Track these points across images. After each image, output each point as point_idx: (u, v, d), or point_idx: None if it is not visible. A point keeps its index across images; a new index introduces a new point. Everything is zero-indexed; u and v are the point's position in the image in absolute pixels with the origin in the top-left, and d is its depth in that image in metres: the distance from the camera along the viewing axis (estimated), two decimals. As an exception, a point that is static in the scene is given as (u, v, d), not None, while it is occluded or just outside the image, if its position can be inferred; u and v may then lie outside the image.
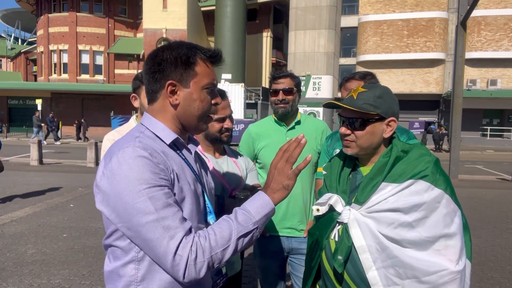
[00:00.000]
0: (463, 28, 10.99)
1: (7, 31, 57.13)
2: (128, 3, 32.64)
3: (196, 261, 1.00)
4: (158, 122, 1.17)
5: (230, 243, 1.03)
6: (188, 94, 1.15)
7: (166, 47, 1.17)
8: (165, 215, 1.00)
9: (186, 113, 1.17)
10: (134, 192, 1.00)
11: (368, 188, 1.32)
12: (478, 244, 5.29)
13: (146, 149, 1.05)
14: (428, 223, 1.25)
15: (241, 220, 1.05)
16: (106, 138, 2.07)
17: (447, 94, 26.19)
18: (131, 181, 1.00)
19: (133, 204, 1.00)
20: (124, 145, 1.07)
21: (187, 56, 1.14)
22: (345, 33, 30.95)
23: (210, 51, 1.18)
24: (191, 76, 1.15)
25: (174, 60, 1.14)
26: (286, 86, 2.31)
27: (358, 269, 1.32)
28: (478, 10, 25.17)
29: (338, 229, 1.38)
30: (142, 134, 1.13)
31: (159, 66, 1.14)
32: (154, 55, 1.16)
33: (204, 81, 1.17)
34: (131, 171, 1.01)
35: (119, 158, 1.04)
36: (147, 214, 0.99)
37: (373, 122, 1.34)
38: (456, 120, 11.31)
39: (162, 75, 1.14)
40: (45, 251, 4.75)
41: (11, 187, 8.76)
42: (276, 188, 1.10)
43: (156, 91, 1.16)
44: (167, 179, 1.05)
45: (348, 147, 1.38)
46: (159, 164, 1.05)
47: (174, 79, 1.14)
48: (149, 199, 1.00)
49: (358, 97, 1.34)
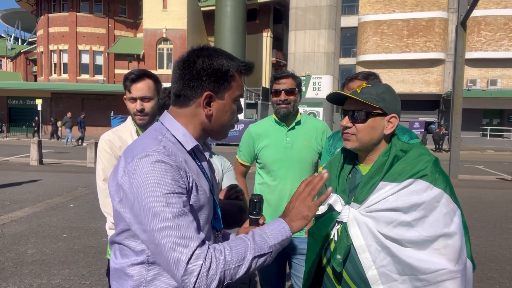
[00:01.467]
0: (463, 28, 11.00)
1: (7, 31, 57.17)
2: (128, 3, 32.66)
3: (208, 272, 0.98)
4: (181, 126, 1.16)
5: (245, 261, 1.03)
6: (222, 106, 1.16)
7: (205, 55, 1.13)
8: (181, 223, 1.00)
9: (216, 123, 1.17)
10: (153, 196, 1.00)
11: (367, 187, 1.33)
12: (478, 244, 5.29)
13: (170, 155, 1.06)
14: (428, 223, 1.25)
15: (258, 242, 1.06)
16: (102, 138, 2.06)
17: (447, 94, 26.20)
18: (152, 185, 1.00)
19: (151, 208, 1.00)
20: (148, 147, 1.06)
21: (227, 69, 1.13)
22: (345, 33, 30.96)
23: (246, 64, 1.18)
24: (227, 89, 1.15)
25: (214, 72, 1.12)
26: (288, 87, 2.31)
27: (358, 269, 1.32)
28: (478, 10, 25.19)
29: (338, 229, 1.38)
30: (165, 138, 1.12)
31: (197, 75, 1.12)
32: (191, 61, 1.13)
33: (236, 94, 1.18)
34: (153, 175, 1.01)
35: (143, 160, 1.03)
36: (164, 219, 0.99)
37: (374, 116, 1.34)
38: (456, 120, 11.31)
39: (200, 84, 1.12)
40: (45, 251, 4.75)
41: (11, 187, 8.77)
42: (296, 218, 1.12)
43: (189, 98, 1.14)
44: (185, 187, 1.05)
45: (348, 140, 1.39)
46: (181, 171, 1.06)
47: (212, 90, 1.13)
48: (167, 205, 1.00)
49: (362, 91, 1.36)
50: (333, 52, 27.04)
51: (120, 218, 1.09)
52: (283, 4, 32.32)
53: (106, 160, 2.00)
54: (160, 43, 29.81)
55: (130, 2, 32.67)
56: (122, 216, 1.08)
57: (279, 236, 1.08)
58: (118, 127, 2.12)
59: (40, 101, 23.65)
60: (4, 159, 14.09)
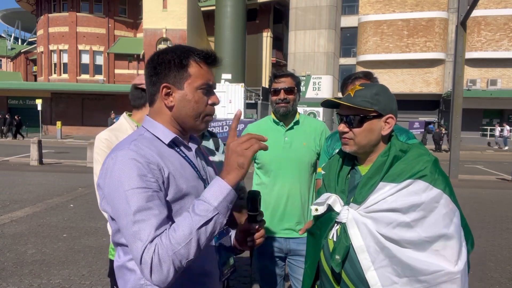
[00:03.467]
0: (463, 28, 10.99)
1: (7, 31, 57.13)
2: (128, 3, 32.65)
3: (160, 262, 0.99)
4: (158, 124, 1.21)
5: (192, 236, 1.01)
6: (183, 96, 1.18)
7: (162, 51, 1.21)
8: (140, 218, 1.02)
9: (182, 114, 1.20)
10: (118, 193, 1.05)
11: (366, 187, 1.32)
12: (478, 244, 5.26)
13: (138, 151, 1.09)
14: (427, 223, 1.25)
15: (198, 211, 1.04)
16: (98, 138, 2.06)
17: (447, 94, 26.19)
18: (118, 182, 1.06)
19: (118, 204, 1.06)
20: (120, 147, 1.13)
21: (180, 58, 1.17)
22: (345, 33, 30.94)
23: (203, 52, 1.20)
24: (185, 78, 1.18)
25: (168, 63, 1.17)
26: (287, 85, 2.31)
27: (356, 269, 1.31)
28: (478, 10, 25.18)
29: (337, 229, 1.38)
30: (141, 137, 1.17)
31: (154, 70, 1.19)
32: (150, 59, 1.21)
33: (198, 82, 1.19)
34: (120, 172, 1.06)
35: (113, 159, 1.09)
36: (126, 215, 1.04)
37: (370, 119, 1.34)
38: (456, 120, 11.31)
39: (158, 78, 1.18)
40: (45, 251, 4.75)
41: (11, 187, 8.77)
42: (231, 169, 1.07)
43: (153, 94, 1.21)
44: (154, 180, 1.07)
45: (347, 144, 1.38)
46: (151, 164, 1.09)
47: (168, 81, 1.18)
48: (129, 201, 1.03)
49: (356, 95, 1.35)
50: (333, 52, 27.03)
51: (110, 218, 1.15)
52: (283, 4, 32.31)
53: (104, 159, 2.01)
54: (160, 43, 29.79)
55: (130, 2, 32.66)
56: (107, 213, 1.14)
57: (219, 194, 1.05)
58: (113, 126, 2.12)
59: (40, 101, 23.65)
60: (4, 159, 14.09)
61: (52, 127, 29.19)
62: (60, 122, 26.56)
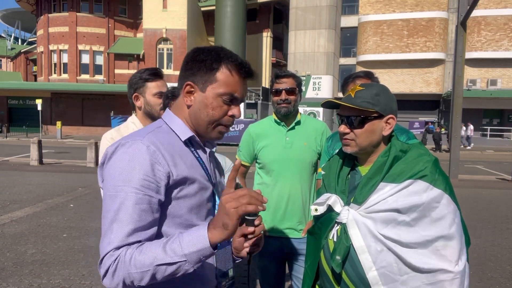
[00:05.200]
0: (463, 28, 10.99)
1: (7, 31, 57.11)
2: (128, 3, 32.64)
3: (115, 272, 0.98)
4: (177, 118, 1.19)
5: (150, 269, 0.97)
6: (202, 99, 1.15)
7: (200, 49, 1.17)
8: (119, 219, 1.00)
9: (196, 117, 1.17)
10: (114, 183, 1.03)
11: (366, 188, 1.32)
12: (478, 244, 5.28)
13: (149, 147, 1.05)
14: (428, 223, 1.25)
15: (169, 249, 0.97)
16: (104, 137, 2.06)
17: (447, 94, 26.20)
18: (118, 172, 1.03)
19: (108, 193, 1.04)
20: (134, 136, 1.09)
21: (212, 60, 1.13)
22: (345, 33, 30.96)
23: (237, 60, 1.15)
24: (210, 82, 1.14)
25: (200, 63, 1.14)
26: (288, 86, 2.31)
27: (357, 269, 1.31)
28: (478, 10, 25.19)
29: (337, 229, 1.38)
30: (158, 129, 1.15)
31: (186, 65, 1.17)
32: (188, 54, 1.19)
33: (221, 89, 1.13)
34: (120, 163, 1.04)
35: (123, 146, 1.06)
36: (109, 209, 1.02)
37: (371, 120, 1.33)
38: (456, 120, 11.31)
39: (185, 74, 1.17)
40: (45, 251, 4.75)
41: (11, 187, 8.77)
42: (216, 225, 0.98)
43: (179, 88, 1.20)
44: (154, 183, 1.04)
45: (348, 145, 1.38)
46: (157, 164, 1.05)
47: (193, 80, 1.15)
48: (116, 196, 1.01)
49: (356, 96, 1.34)
50: (333, 52, 27.03)
51: None
52: (283, 4, 32.31)
53: None
54: (160, 43, 29.80)
55: (130, 2, 32.66)
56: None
57: (195, 245, 0.97)
58: (119, 127, 2.12)
59: (40, 101, 23.67)
60: (4, 159, 14.09)
61: (52, 127, 29.20)
62: (60, 122, 26.57)
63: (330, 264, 1.38)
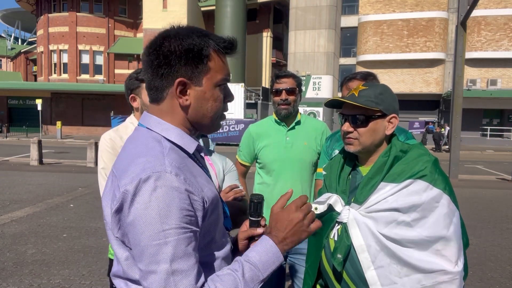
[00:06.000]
0: (463, 28, 11.00)
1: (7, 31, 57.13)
2: (128, 3, 32.66)
3: None
4: (173, 127, 0.98)
5: None
6: (200, 93, 0.98)
7: (173, 35, 0.96)
8: (180, 268, 0.85)
9: (198, 115, 1.00)
10: (152, 231, 0.84)
11: (367, 188, 1.33)
12: (478, 244, 5.28)
13: (179, 175, 0.88)
14: (428, 223, 1.25)
15: (248, 278, 0.90)
16: (103, 138, 2.06)
17: (447, 94, 26.20)
18: (152, 217, 0.84)
19: (147, 245, 0.85)
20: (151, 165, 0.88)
21: (200, 48, 0.95)
22: (345, 33, 30.96)
23: (225, 41, 1.00)
24: (204, 72, 0.97)
25: (185, 53, 0.94)
26: (288, 86, 2.32)
27: (357, 268, 1.32)
28: (478, 10, 25.19)
29: (338, 229, 1.38)
30: (167, 149, 0.94)
31: (165, 60, 0.95)
32: (158, 45, 0.96)
33: (217, 77, 0.99)
34: (156, 204, 0.85)
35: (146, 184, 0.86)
36: (159, 262, 0.84)
37: (375, 119, 1.34)
38: (456, 120, 11.32)
39: (170, 70, 0.95)
40: (45, 251, 4.75)
41: (11, 187, 8.77)
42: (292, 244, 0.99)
43: (161, 88, 0.97)
44: (194, 215, 0.89)
45: (351, 144, 1.38)
46: (191, 194, 0.89)
47: (184, 76, 0.95)
48: (166, 244, 0.84)
49: (360, 95, 1.35)
50: (333, 52, 27.03)
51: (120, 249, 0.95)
52: (283, 4, 32.32)
53: (108, 159, 2.00)
54: (160, 42, 29.81)
55: (130, 2, 32.67)
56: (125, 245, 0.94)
57: (271, 266, 0.94)
58: (118, 127, 2.11)
59: (40, 101, 23.68)
60: (4, 159, 14.09)
61: (52, 127, 29.20)
62: (60, 122, 26.57)
63: (330, 263, 1.38)
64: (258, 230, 1.10)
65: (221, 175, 1.98)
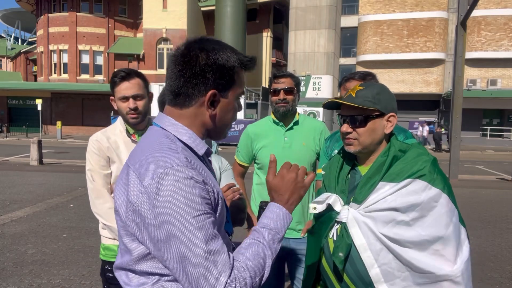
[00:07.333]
0: (463, 28, 11.00)
1: (7, 31, 57.14)
2: (128, 3, 32.65)
3: None
4: (186, 129, 1.04)
5: (266, 268, 0.99)
6: (225, 105, 1.05)
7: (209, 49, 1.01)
8: (214, 248, 0.91)
9: (220, 123, 1.07)
10: (183, 219, 0.89)
11: (366, 187, 1.33)
12: (478, 244, 5.29)
13: (194, 168, 0.94)
14: (426, 223, 1.26)
15: (270, 242, 1.02)
16: (90, 140, 2.05)
17: (447, 94, 26.20)
18: (180, 206, 0.89)
19: (181, 233, 0.89)
20: (168, 160, 0.93)
21: (233, 64, 1.03)
22: (345, 33, 30.97)
23: (249, 59, 1.08)
24: (231, 87, 1.05)
25: (220, 68, 1.01)
26: (286, 86, 2.32)
27: (356, 268, 1.32)
28: (478, 10, 25.19)
29: (337, 229, 1.38)
30: (180, 149, 0.99)
31: (201, 71, 1.00)
32: (193, 56, 1.00)
33: (239, 91, 1.08)
34: (181, 195, 0.90)
35: (167, 177, 0.91)
36: (196, 246, 0.89)
37: (374, 118, 1.35)
38: (456, 120, 11.31)
39: (204, 81, 1.00)
40: (45, 251, 4.75)
41: (11, 187, 8.77)
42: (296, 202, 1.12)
43: (192, 97, 1.02)
44: (210, 203, 0.96)
45: (351, 145, 1.39)
46: (207, 185, 0.96)
47: (216, 88, 1.02)
48: (199, 228, 0.90)
49: (357, 95, 1.35)
50: (333, 52, 27.04)
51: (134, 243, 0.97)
52: (283, 4, 32.32)
53: (94, 161, 2.00)
54: (160, 43, 29.82)
55: (130, 2, 32.66)
56: (139, 241, 0.96)
57: (285, 226, 1.07)
58: (107, 128, 2.09)
59: (40, 101, 23.68)
60: (4, 159, 14.09)
61: (52, 127, 29.21)
62: (60, 122, 26.57)
63: (330, 263, 1.38)
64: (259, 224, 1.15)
65: (218, 175, 1.99)
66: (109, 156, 1.97)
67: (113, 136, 2.02)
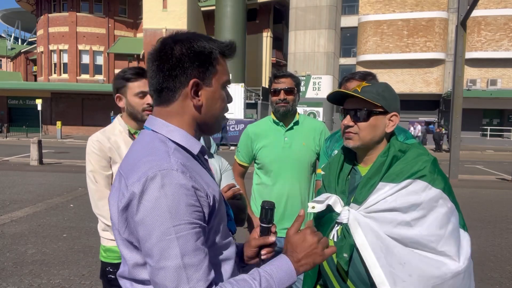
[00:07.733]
0: (463, 28, 11.00)
1: (7, 31, 57.12)
2: (128, 3, 32.66)
3: None
4: (178, 129, 1.01)
5: None
6: (211, 94, 1.03)
7: (182, 40, 1.01)
8: (191, 263, 0.86)
9: (208, 115, 1.04)
10: (162, 228, 0.86)
11: (366, 188, 1.33)
12: (478, 244, 5.28)
13: (185, 172, 0.90)
14: (427, 223, 1.26)
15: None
16: (90, 140, 2.02)
17: (447, 94, 26.19)
18: (161, 213, 0.86)
19: (157, 241, 0.86)
20: (158, 163, 0.90)
21: (210, 51, 1.01)
22: (345, 33, 30.96)
23: (227, 45, 1.06)
24: (213, 73, 1.02)
25: (197, 56, 0.99)
26: (286, 86, 2.32)
27: (357, 269, 1.32)
28: (478, 10, 25.18)
29: (337, 230, 1.38)
30: (171, 150, 0.96)
31: (179, 62, 0.98)
32: (169, 48, 0.99)
33: (223, 79, 1.05)
34: (165, 201, 0.87)
35: (153, 181, 0.88)
36: (169, 258, 0.85)
37: (376, 114, 1.35)
38: (456, 120, 11.31)
39: (183, 71, 0.99)
40: (45, 251, 4.75)
41: (11, 187, 8.77)
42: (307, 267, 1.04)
43: (174, 90, 1.00)
44: (201, 211, 0.91)
45: (350, 139, 1.39)
46: (198, 190, 0.91)
47: (197, 77, 1.00)
48: (177, 239, 0.86)
49: (363, 90, 1.36)
50: (333, 52, 27.04)
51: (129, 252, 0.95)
52: (283, 4, 32.32)
53: (95, 161, 1.98)
54: (160, 42, 29.81)
55: (130, 2, 32.67)
56: (132, 246, 0.94)
57: (286, 283, 0.98)
58: (105, 128, 2.05)
59: (40, 101, 23.67)
60: (4, 159, 14.09)
61: (52, 127, 29.20)
62: (60, 122, 26.57)
63: (330, 264, 1.38)
64: (271, 238, 1.13)
65: (218, 175, 1.99)
66: (111, 157, 1.95)
67: (113, 137, 2.00)
